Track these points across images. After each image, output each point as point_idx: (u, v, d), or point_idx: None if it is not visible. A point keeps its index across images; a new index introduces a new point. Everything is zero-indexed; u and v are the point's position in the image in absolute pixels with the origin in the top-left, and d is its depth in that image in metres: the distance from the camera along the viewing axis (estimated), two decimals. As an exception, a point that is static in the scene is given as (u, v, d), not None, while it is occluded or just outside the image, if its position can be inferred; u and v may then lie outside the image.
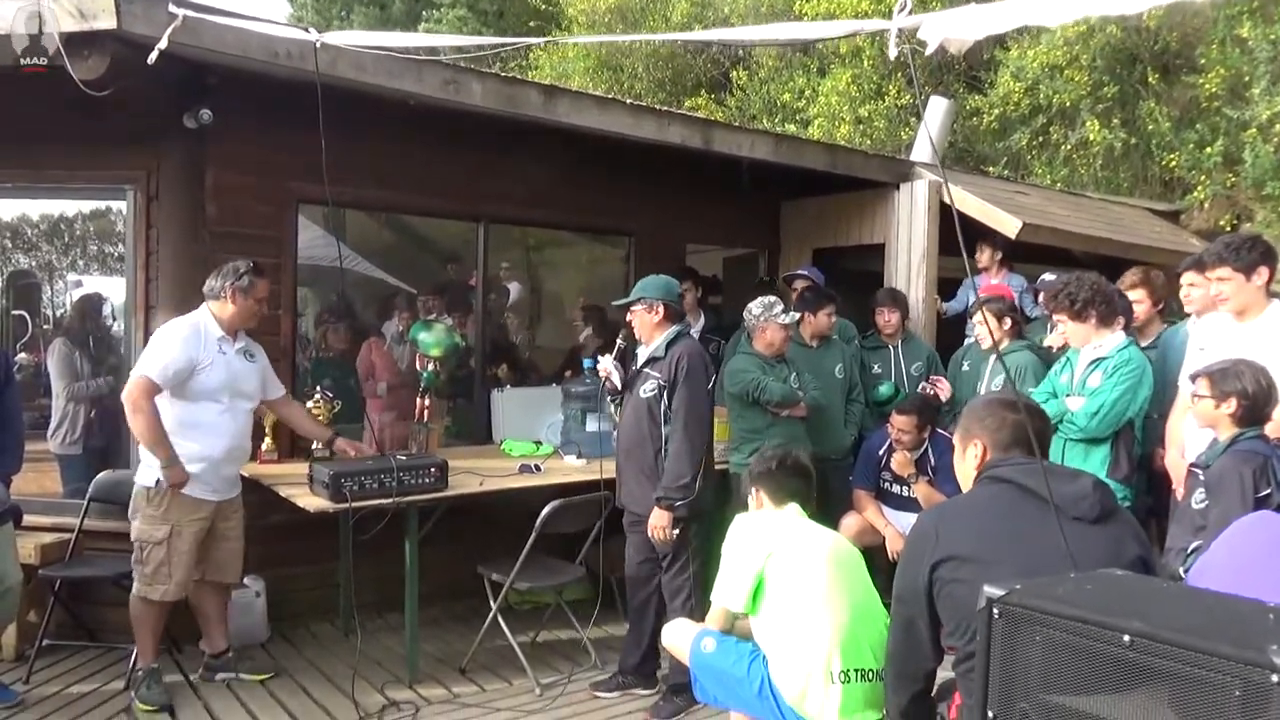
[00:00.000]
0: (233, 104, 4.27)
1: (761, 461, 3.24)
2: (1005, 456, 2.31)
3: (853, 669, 2.75)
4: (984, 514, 2.23)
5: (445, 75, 4.37)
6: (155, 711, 3.81)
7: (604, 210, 5.98)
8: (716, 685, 2.98)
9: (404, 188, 5.16)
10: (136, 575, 3.86)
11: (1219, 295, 3.55)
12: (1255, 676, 1.36)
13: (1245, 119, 8.92)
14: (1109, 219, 7.37)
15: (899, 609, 2.29)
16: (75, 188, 4.88)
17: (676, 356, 3.90)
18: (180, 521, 3.81)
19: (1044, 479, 2.15)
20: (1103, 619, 1.52)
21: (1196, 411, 3.25)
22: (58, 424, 5.06)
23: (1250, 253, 3.48)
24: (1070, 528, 2.09)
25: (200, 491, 3.84)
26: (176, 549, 3.81)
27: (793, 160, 5.79)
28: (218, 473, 3.91)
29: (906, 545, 2.37)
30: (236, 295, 3.90)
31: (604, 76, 14.21)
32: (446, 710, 3.93)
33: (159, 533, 3.79)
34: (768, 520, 3.09)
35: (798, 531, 3.02)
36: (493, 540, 4.46)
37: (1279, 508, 2.89)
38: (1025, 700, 1.59)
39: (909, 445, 4.75)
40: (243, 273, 3.93)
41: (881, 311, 5.44)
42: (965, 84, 11.58)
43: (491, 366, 5.90)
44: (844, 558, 2.98)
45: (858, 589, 2.91)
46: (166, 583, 3.82)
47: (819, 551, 2.94)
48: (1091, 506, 2.16)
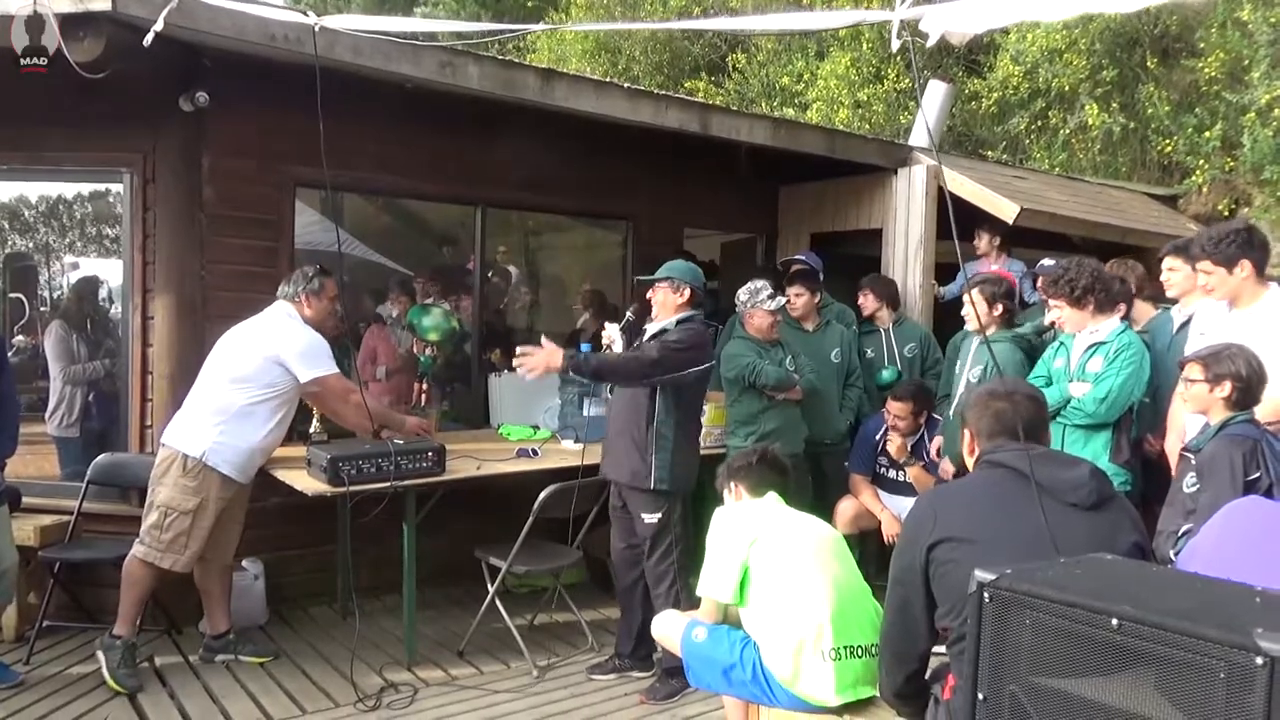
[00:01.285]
0: (230, 87, 4.26)
1: (740, 458, 3.28)
2: (992, 445, 2.33)
3: (843, 646, 2.77)
4: (981, 498, 2.26)
5: (442, 58, 4.36)
6: (122, 693, 3.81)
7: (602, 194, 5.97)
8: (709, 672, 2.99)
9: (402, 171, 5.15)
10: (148, 540, 3.88)
11: (1205, 285, 3.55)
12: (1240, 659, 1.39)
13: (1245, 103, 8.90)
14: (1107, 204, 7.36)
15: (895, 590, 2.31)
16: (72, 170, 4.87)
17: (681, 332, 3.95)
18: (210, 497, 3.88)
19: (1039, 462, 2.17)
20: (1092, 603, 1.55)
21: (1190, 396, 3.25)
22: (54, 406, 5.07)
23: (1229, 246, 3.44)
24: (1066, 514, 2.11)
25: (235, 473, 3.94)
26: (199, 523, 3.87)
27: (791, 145, 5.78)
28: (254, 460, 4.03)
29: (904, 527, 2.39)
30: (310, 299, 4.05)
31: (602, 59, 14.13)
32: (444, 692, 3.96)
33: (189, 503, 3.85)
34: (748, 509, 3.11)
35: (778, 517, 3.05)
36: (490, 524, 4.48)
37: (1269, 491, 2.92)
38: (1015, 683, 1.62)
39: (905, 430, 4.77)
40: (311, 276, 4.08)
41: (863, 292, 5.47)
42: (964, 67, 11.53)
43: (488, 351, 5.90)
44: (825, 539, 3.02)
45: (842, 568, 2.93)
46: (181, 553, 3.87)
47: (801, 535, 2.98)
48: (1089, 494, 2.17)
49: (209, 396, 3.96)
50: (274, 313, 4.07)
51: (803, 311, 5.14)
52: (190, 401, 4.02)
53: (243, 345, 3.99)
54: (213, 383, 3.97)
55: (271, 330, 3.99)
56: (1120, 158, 10.22)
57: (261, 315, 4.09)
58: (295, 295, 4.08)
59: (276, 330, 3.99)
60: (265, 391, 3.93)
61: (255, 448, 3.98)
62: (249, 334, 4.02)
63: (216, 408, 3.91)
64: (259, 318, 4.08)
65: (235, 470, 3.93)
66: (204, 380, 4.01)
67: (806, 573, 2.86)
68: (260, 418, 3.94)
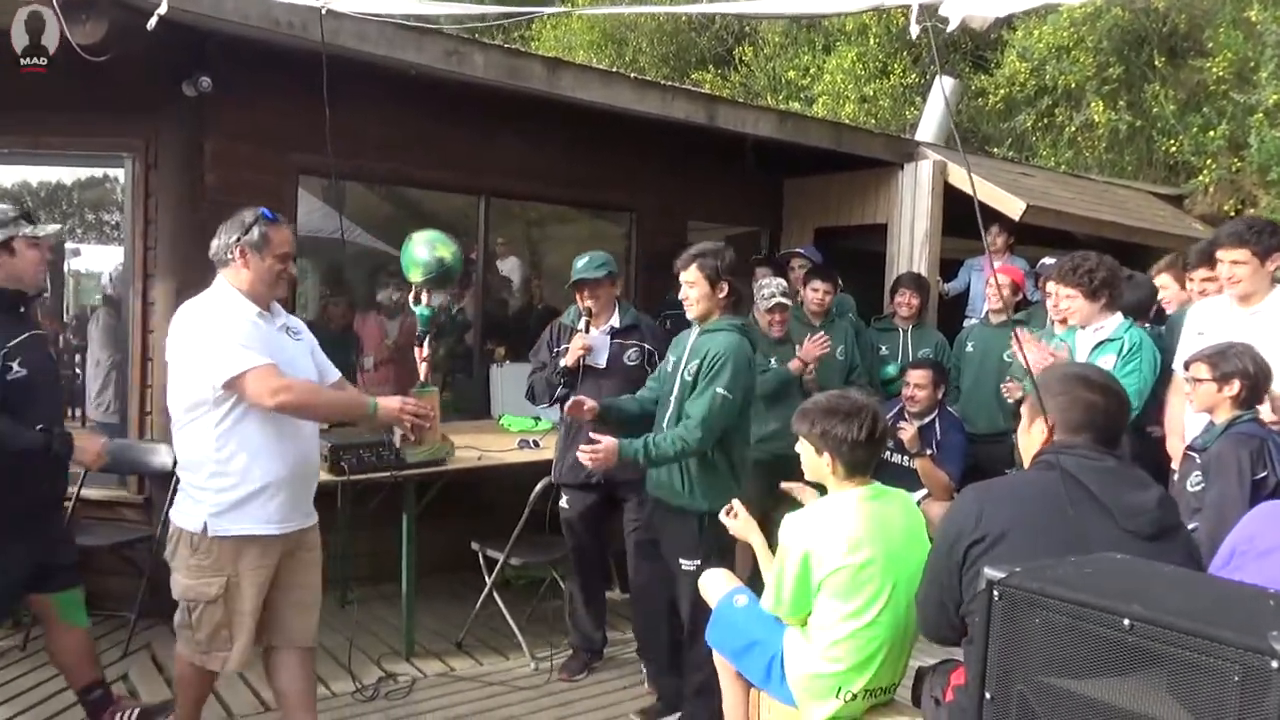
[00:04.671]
0: (233, 72, 4.23)
1: (843, 424, 2.61)
2: (1072, 440, 2.12)
3: (865, 690, 2.57)
4: (1031, 502, 2.07)
5: (447, 46, 4.33)
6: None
7: (606, 186, 5.94)
8: (730, 636, 2.85)
9: (405, 160, 5.12)
10: (183, 639, 2.95)
11: (1232, 277, 3.49)
12: (1255, 662, 1.36)
13: (1252, 103, 8.86)
14: (1113, 202, 7.34)
15: (931, 583, 2.21)
16: (74, 154, 4.85)
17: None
18: (239, 571, 2.83)
19: (1107, 479, 2.03)
20: (1103, 603, 1.52)
21: (1196, 395, 3.23)
22: (99, 391, 4.99)
23: (1271, 238, 3.43)
24: (1120, 541, 1.95)
25: (260, 526, 2.82)
26: (237, 608, 2.84)
27: (798, 138, 5.76)
28: (284, 497, 2.86)
29: (947, 519, 2.21)
30: (248, 255, 2.85)
31: (608, 51, 14.09)
32: (442, 683, 3.95)
33: (211, 588, 2.82)
34: (815, 517, 2.67)
35: (855, 524, 2.57)
36: (490, 515, 4.46)
37: (1276, 489, 2.90)
38: (1023, 683, 1.59)
39: (922, 402, 4.82)
40: (250, 223, 2.87)
41: (904, 293, 5.44)
42: (971, 64, 11.50)
43: (490, 342, 5.88)
44: (906, 559, 2.57)
45: (904, 601, 2.54)
46: (227, 649, 2.88)
47: (878, 553, 2.54)
48: (1150, 522, 2.01)
49: (176, 444, 2.93)
50: (194, 300, 2.91)
51: (821, 308, 5.11)
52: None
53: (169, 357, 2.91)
54: (174, 424, 2.91)
55: (175, 328, 2.87)
56: (1126, 156, 10.20)
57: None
58: (227, 254, 2.86)
59: (178, 328, 2.86)
60: (198, 411, 2.80)
61: (274, 480, 2.83)
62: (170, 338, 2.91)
63: (181, 459, 2.90)
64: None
65: (258, 522, 2.82)
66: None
67: (866, 609, 2.53)
68: (256, 441, 2.80)
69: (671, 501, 3.42)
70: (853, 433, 2.60)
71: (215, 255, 2.90)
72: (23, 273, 3.05)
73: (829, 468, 2.66)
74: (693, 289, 3.43)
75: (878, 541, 2.55)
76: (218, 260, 2.90)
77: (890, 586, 2.53)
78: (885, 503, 2.68)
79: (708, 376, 3.30)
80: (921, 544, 2.63)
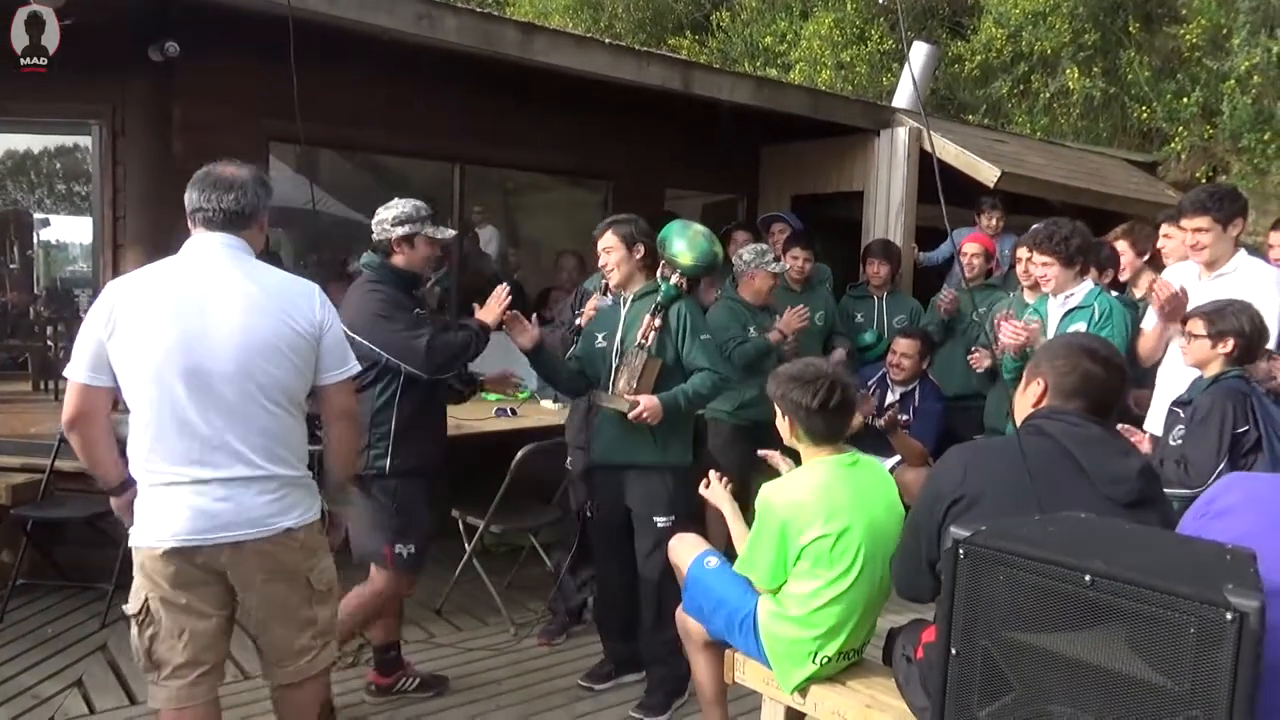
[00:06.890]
0: (201, 37, 4.16)
1: (805, 390, 2.63)
2: (1064, 406, 2.15)
3: (838, 653, 2.61)
4: (1014, 464, 2.05)
5: (419, 9, 4.27)
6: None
7: (582, 153, 5.92)
8: (704, 599, 2.87)
9: (379, 127, 5.08)
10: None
11: (1196, 244, 3.54)
12: (1210, 615, 1.41)
13: (1225, 70, 8.91)
14: (1087, 169, 7.38)
15: (909, 542, 2.25)
16: (40, 121, 4.77)
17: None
18: (161, 585, 2.34)
19: (1092, 446, 2.06)
20: (1065, 559, 1.55)
21: (1190, 349, 3.25)
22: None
23: (1232, 204, 3.49)
24: (1098, 505, 1.98)
25: (165, 533, 2.34)
26: (159, 628, 2.36)
27: (774, 104, 5.74)
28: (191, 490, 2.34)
29: (930, 478, 2.24)
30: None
31: (584, 16, 13.94)
32: (422, 649, 3.97)
33: (133, 604, 2.40)
34: (788, 487, 2.69)
35: (822, 494, 2.59)
36: (469, 483, 4.48)
37: (1256, 443, 2.97)
38: (988, 638, 1.63)
39: (907, 370, 4.85)
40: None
41: (872, 262, 5.44)
42: (949, 30, 11.47)
43: (465, 313, 5.85)
44: (881, 526, 2.60)
45: (879, 568, 2.57)
46: (154, 673, 2.39)
47: (851, 521, 2.55)
48: (1128, 491, 2.04)
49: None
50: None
51: (802, 274, 5.13)
52: None
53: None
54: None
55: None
56: (1101, 123, 10.24)
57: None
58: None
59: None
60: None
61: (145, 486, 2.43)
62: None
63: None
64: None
65: (152, 529, 2.34)
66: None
67: (841, 577, 2.55)
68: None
69: (640, 460, 3.43)
70: (807, 399, 2.64)
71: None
72: (416, 263, 3.44)
73: (790, 432, 2.73)
74: (610, 254, 3.51)
75: (853, 509, 2.58)
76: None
77: (865, 553, 2.56)
78: (859, 470, 2.71)
79: (683, 333, 3.41)
80: (895, 510, 2.68)
